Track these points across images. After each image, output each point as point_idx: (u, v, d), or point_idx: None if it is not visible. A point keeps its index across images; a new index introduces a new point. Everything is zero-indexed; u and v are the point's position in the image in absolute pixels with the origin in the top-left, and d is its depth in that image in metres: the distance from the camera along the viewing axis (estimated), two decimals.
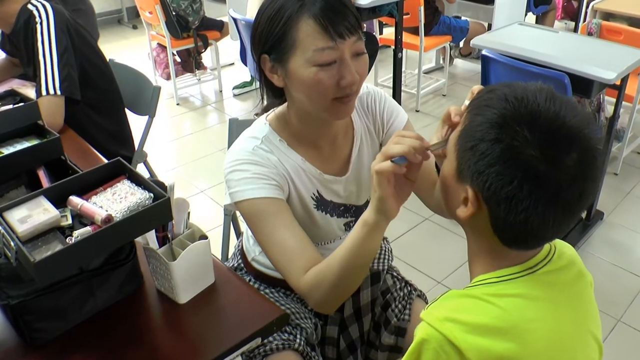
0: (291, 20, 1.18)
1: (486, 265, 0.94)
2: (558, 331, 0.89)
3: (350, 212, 1.47)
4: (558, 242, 0.98)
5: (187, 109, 4.74)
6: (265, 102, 1.40)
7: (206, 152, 3.99)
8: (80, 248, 1.14)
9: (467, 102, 0.95)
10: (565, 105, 0.84)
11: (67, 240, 1.20)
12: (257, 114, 1.44)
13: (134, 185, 1.34)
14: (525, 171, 0.80)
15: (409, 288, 1.68)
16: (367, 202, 1.49)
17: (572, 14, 6.44)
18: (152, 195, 1.28)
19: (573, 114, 0.83)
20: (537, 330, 0.86)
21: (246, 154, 1.30)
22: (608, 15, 3.97)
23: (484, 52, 2.98)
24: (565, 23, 6.51)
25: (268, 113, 1.39)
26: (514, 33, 3.22)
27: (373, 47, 4.34)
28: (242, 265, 1.61)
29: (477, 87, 0.97)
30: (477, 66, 5.44)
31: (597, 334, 0.97)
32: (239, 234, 2.00)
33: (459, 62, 5.66)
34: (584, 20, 6.12)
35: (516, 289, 0.89)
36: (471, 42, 3.17)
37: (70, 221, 1.28)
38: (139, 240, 1.31)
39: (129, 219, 1.21)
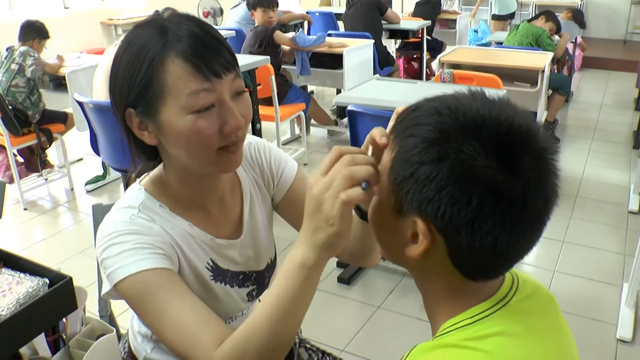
0: (155, 62, 1.00)
1: (451, 307, 0.79)
2: None
3: (251, 279, 1.29)
4: (514, 269, 0.86)
5: (37, 212, 4.30)
6: (136, 167, 1.21)
7: (64, 256, 3.59)
8: None
9: (391, 125, 0.82)
10: (504, 105, 0.74)
11: None
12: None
13: (18, 272, 1.06)
14: (484, 185, 0.69)
15: (328, 359, 1.51)
16: (268, 266, 1.32)
17: (414, 74, 6.82)
18: (46, 280, 1.01)
19: (515, 112, 0.73)
20: None
21: (123, 224, 1.09)
22: (454, 66, 4.16)
23: (350, 108, 2.95)
24: None
25: (141, 178, 1.19)
26: (374, 87, 3.26)
27: None
28: None
29: (400, 108, 0.84)
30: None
31: (577, 358, 0.87)
32: (119, 337, 1.73)
33: (314, 131, 5.69)
34: (427, 78, 6.50)
35: (495, 327, 0.75)
36: (334, 99, 3.15)
37: None
38: (23, 350, 1.02)
39: (21, 315, 0.92)
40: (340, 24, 6.56)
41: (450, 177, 0.69)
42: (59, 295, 0.99)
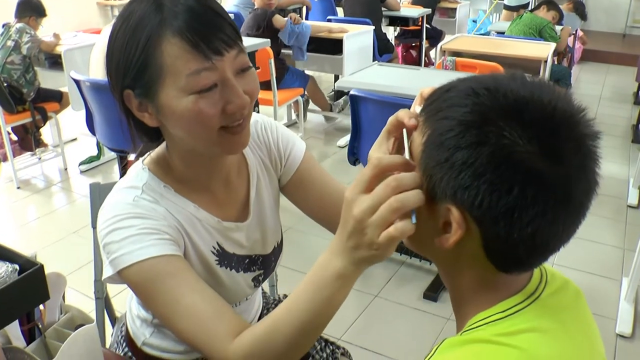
0: (151, 42, 0.94)
1: (481, 301, 0.76)
2: None
3: (257, 264, 1.25)
4: None
5: (30, 191, 4.25)
6: (136, 148, 1.16)
7: (57, 237, 3.55)
8: None
9: (417, 108, 0.78)
10: (545, 87, 0.70)
11: None
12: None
13: None
14: (526, 172, 0.65)
15: (331, 347, 1.50)
16: (274, 250, 1.28)
17: (412, 62, 6.77)
18: (16, 266, 0.96)
19: (557, 95, 0.69)
20: None
21: (126, 207, 1.04)
22: (455, 54, 4.11)
23: (352, 92, 2.90)
24: None
25: (144, 157, 1.15)
26: (375, 73, 3.21)
27: None
28: (130, 354, 1.31)
29: (427, 90, 0.79)
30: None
31: (604, 354, 0.84)
32: (114, 320, 1.72)
33: (311, 117, 5.65)
34: (425, 67, 6.45)
35: (527, 322, 0.72)
36: (336, 84, 3.10)
37: None
38: None
39: None
40: (340, 10, 6.49)
41: (490, 164, 0.65)
42: (29, 283, 0.94)
